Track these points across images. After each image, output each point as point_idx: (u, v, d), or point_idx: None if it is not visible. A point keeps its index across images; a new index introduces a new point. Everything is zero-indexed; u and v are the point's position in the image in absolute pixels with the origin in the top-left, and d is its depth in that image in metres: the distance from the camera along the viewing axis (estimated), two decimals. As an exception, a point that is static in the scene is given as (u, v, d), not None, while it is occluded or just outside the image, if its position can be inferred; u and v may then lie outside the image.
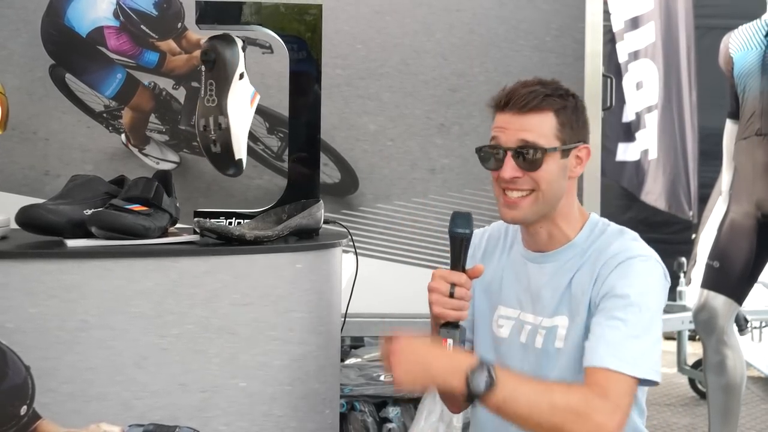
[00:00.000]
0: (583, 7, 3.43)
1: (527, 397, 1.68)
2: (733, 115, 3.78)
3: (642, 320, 1.76)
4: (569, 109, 1.86)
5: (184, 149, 3.42)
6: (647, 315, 1.77)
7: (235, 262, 1.92)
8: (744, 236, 3.62)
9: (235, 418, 1.90)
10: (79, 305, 1.79)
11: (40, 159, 3.38)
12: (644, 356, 1.74)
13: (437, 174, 3.42)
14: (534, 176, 1.83)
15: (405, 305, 2.34)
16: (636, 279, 1.80)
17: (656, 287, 1.82)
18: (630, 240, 1.88)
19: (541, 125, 1.84)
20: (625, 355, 1.72)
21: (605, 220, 1.95)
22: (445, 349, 1.75)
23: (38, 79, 3.37)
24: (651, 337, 1.77)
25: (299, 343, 1.98)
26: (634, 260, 1.81)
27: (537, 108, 1.83)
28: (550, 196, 1.86)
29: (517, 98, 1.84)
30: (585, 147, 1.90)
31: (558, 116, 1.84)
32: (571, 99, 1.88)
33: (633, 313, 1.76)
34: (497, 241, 2.03)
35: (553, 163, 1.84)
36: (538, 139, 1.83)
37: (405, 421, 3.28)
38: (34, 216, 1.91)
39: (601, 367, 1.72)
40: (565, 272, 1.88)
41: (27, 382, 1.75)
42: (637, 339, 1.75)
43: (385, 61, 3.43)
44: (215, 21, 2.25)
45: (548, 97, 1.84)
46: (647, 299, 1.78)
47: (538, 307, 1.90)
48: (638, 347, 1.74)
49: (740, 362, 3.66)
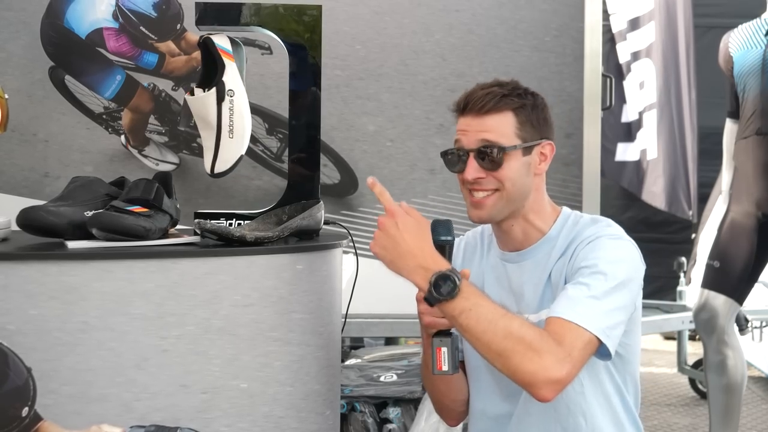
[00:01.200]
0: (582, 7, 3.43)
1: (486, 316, 1.69)
2: (733, 114, 3.79)
3: (605, 286, 1.77)
4: (528, 107, 1.89)
5: (184, 150, 3.42)
6: (612, 283, 1.78)
7: (236, 263, 1.92)
8: (744, 236, 3.63)
9: (236, 419, 1.90)
10: (79, 307, 1.79)
11: (40, 161, 3.38)
12: (599, 316, 1.74)
13: (437, 174, 3.42)
14: (497, 175, 1.86)
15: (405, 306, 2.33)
16: (604, 251, 1.82)
17: (625, 260, 1.83)
18: (603, 226, 1.90)
19: (501, 125, 1.87)
20: (581, 310, 1.74)
21: (578, 212, 1.97)
22: (429, 246, 1.74)
23: (38, 81, 3.37)
24: (611, 302, 1.77)
25: (300, 344, 1.98)
26: (604, 237, 1.85)
27: (494, 109, 1.87)
28: (515, 193, 1.88)
29: (475, 101, 1.88)
30: (548, 143, 1.92)
31: (517, 115, 1.88)
32: (530, 97, 1.91)
33: (597, 279, 1.78)
34: (474, 248, 2.05)
35: (515, 161, 1.87)
36: (499, 139, 1.86)
37: (405, 422, 3.28)
38: (34, 218, 1.91)
39: (558, 317, 1.74)
40: (544, 266, 1.90)
41: (28, 383, 1.75)
42: (596, 300, 1.76)
43: (384, 62, 3.43)
44: (215, 22, 2.25)
45: (505, 98, 1.87)
46: (614, 268, 1.79)
47: (523, 305, 1.91)
48: (597, 307, 1.75)
49: (741, 362, 3.67)
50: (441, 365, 1.78)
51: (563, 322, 1.73)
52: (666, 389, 5.47)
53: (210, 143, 2.15)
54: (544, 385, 1.68)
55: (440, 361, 1.78)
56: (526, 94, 1.91)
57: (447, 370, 1.78)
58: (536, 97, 1.93)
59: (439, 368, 1.79)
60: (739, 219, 3.65)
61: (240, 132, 2.16)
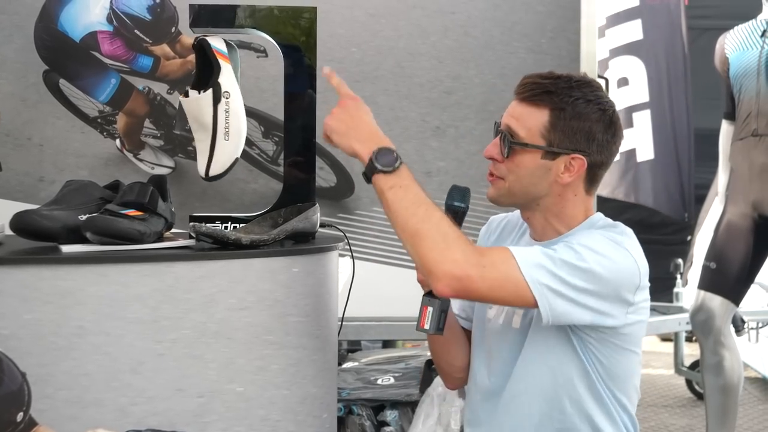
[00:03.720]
0: (577, 9, 3.43)
1: (413, 198, 1.72)
2: (729, 115, 3.79)
3: (569, 259, 1.71)
4: (568, 112, 1.79)
5: (179, 154, 3.41)
6: (579, 263, 1.71)
7: (231, 266, 1.91)
8: (741, 237, 3.63)
9: (232, 422, 1.89)
10: (74, 311, 1.79)
11: (35, 165, 3.37)
12: (546, 272, 1.70)
13: (433, 177, 3.42)
14: (506, 164, 1.83)
15: (402, 308, 2.33)
16: (589, 240, 1.76)
17: (611, 259, 1.74)
18: (617, 233, 1.83)
19: (530, 118, 1.81)
20: (529, 255, 1.71)
21: (607, 219, 1.90)
22: (374, 124, 1.79)
23: (32, 85, 3.36)
24: (566, 273, 1.70)
25: (296, 347, 1.97)
26: (603, 232, 1.80)
27: (531, 100, 1.81)
28: (518, 190, 1.84)
29: (523, 85, 1.84)
30: (580, 158, 1.81)
31: (552, 116, 1.79)
32: (580, 104, 1.79)
33: (565, 251, 1.73)
34: (513, 228, 2.02)
35: (529, 160, 1.81)
36: (520, 131, 1.81)
37: (403, 425, 3.27)
38: (28, 222, 1.90)
39: (503, 246, 1.76)
40: None
41: (23, 388, 1.74)
42: (550, 259, 1.71)
43: (379, 64, 3.43)
44: (209, 24, 2.24)
45: (549, 94, 1.80)
46: (590, 254, 1.72)
47: None
48: (547, 263, 1.70)
49: (737, 363, 3.67)
50: (424, 323, 1.81)
51: (503, 249, 1.74)
52: (663, 390, 5.47)
53: (205, 146, 2.14)
54: (443, 277, 1.68)
55: (424, 320, 1.81)
56: (577, 99, 1.79)
57: (428, 329, 1.81)
58: (590, 105, 1.80)
59: (421, 326, 1.82)
60: (735, 220, 3.66)
61: (236, 134, 2.15)
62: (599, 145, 1.82)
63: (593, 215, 1.89)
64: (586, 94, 1.81)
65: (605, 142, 1.83)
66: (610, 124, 1.83)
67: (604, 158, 1.85)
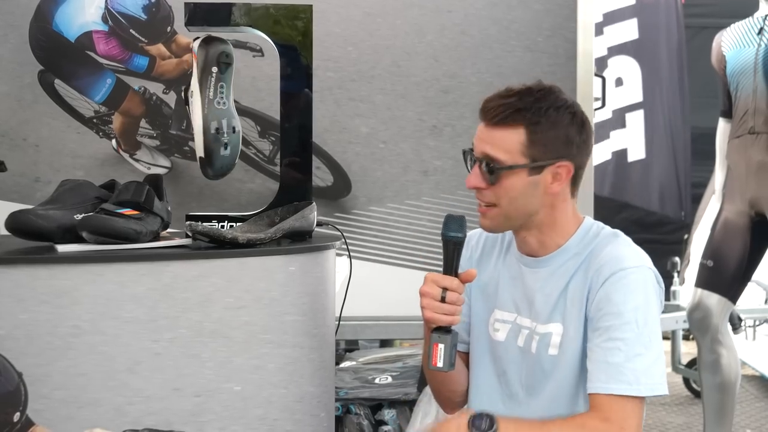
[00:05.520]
0: (574, 7, 3.42)
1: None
2: (726, 113, 3.78)
3: (641, 336, 1.73)
4: (544, 125, 1.77)
5: (176, 154, 3.41)
6: (646, 330, 1.74)
7: (228, 265, 1.91)
8: (737, 235, 3.62)
9: (229, 422, 1.89)
10: (70, 311, 1.78)
11: (31, 165, 3.36)
12: (648, 373, 1.73)
13: (430, 176, 3.41)
14: (494, 190, 1.80)
15: (399, 308, 2.34)
16: (630, 294, 1.76)
17: (651, 298, 1.78)
18: (623, 246, 1.84)
19: (506, 140, 1.78)
20: (629, 378, 1.71)
21: (599, 224, 1.91)
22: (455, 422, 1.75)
23: (27, 85, 3.36)
24: (653, 352, 1.74)
25: (293, 347, 1.97)
26: (626, 272, 1.77)
27: (504, 122, 1.77)
28: (513, 211, 1.82)
29: (488, 109, 1.79)
30: (564, 165, 1.80)
31: (529, 132, 1.77)
32: (552, 113, 1.78)
33: (631, 330, 1.73)
34: (495, 243, 1.99)
35: (516, 180, 1.79)
36: (500, 155, 1.78)
37: (401, 424, 3.27)
38: (23, 221, 1.89)
39: (606, 394, 1.71)
40: (559, 277, 1.85)
41: (19, 388, 1.73)
42: (639, 357, 1.72)
43: (376, 63, 3.42)
44: (205, 23, 2.24)
45: (519, 112, 1.77)
46: (643, 313, 1.75)
47: (533, 312, 1.87)
48: (641, 365, 1.72)
49: (735, 361, 3.66)
50: (436, 361, 1.77)
51: (611, 398, 1.71)
52: (661, 389, 5.46)
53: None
54: None
55: (436, 357, 1.77)
56: (548, 109, 1.78)
57: (442, 367, 1.77)
58: (560, 112, 1.79)
59: (434, 364, 1.78)
60: (732, 218, 3.65)
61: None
62: (578, 147, 1.82)
63: (584, 221, 1.90)
64: (553, 102, 1.80)
65: (582, 143, 1.83)
66: (582, 124, 1.83)
67: (584, 159, 1.86)
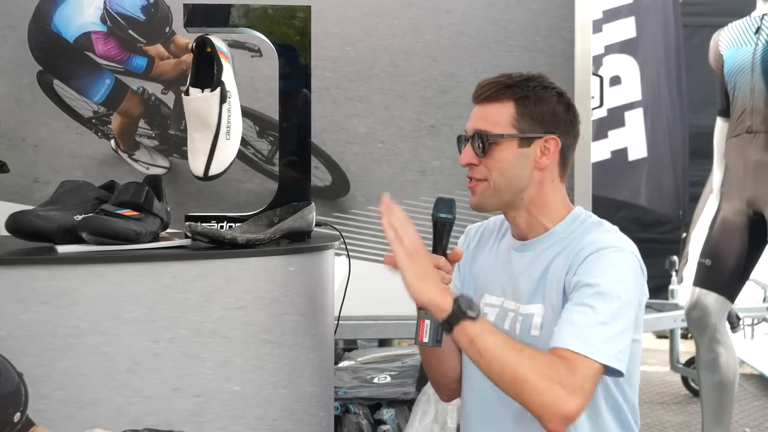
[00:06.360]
0: (572, 7, 3.43)
1: (502, 341, 1.71)
2: (724, 112, 3.79)
3: (610, 308, 1.76)
4: (531, 99, 1.87)
5: (174, 154, 3.41)
6: (617, 304, 1.76)
7: (227, 265, 1.91)
8: (735, 234, 3.63)
9: (229, 421, 1.89)
10: (70, 311, 1.78)
11: (30, 166, 3.36)
12: (609, 342, 1.74)
13: (428, 176, 3.42)
14: (486, 164, 1.88)
15: (398, 307, 2.33)
16: (607, 268, 1.79)
17: (628, 277, 1.81)
18: (607, 232, 1.88)
19: (497, 114, 1.88)
20: (589, 339, 1.73)
21: (588, 213, 1.96)
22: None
23: (26, 86, 3.36)
24: (618, 325, 1.76)
25: (293, 346, 1.97)
26: (607, 250, 1.81)
27: (493, 98, 1.88)
28: (503, 184, 1.88)
29: (480, 90, 1.91)
30: (553, 138, 1.89)
31: (518, 106, 1.88)
32: (539, 90, 1.88)
33: (602, 300, 1.76)
34: (491, 233, 2.05)
35: (507, 152, 1.87)
36: (490, 128, 1.87)
37: (399, 423, 3.28)
38: (23, 222, 1.90)
39: (567, 348, 1.73)
40: (542, 260, 1.89)
41: (20, 389, 1.74)
42: (604, 325, 1.74)
43: (374, 63, 3.42)
44: (203, 24, 2.24)
45: (508, 87, 1.88)
46: (618, 288, 1.78)
47: (517, 294, 1.92)
48: (604, 333, 1.74)
49: (733, 359, 3.67)
50: (422, 336, 1.79)
51: (573, 354, 1.72)
52: (659, 387, 5.47)
53: (205, 145, 2.14)
54: (554, 418, 1.69)
55: (422, 333, 1.79)
56: (535, 87, 1.89)
57: (427, 342, 1.79)
58: (548, 90, 1.90)
59: (420, 339, 1.80)
60: (730, 217, 3.66)
61: (236, 134, 2.16)
62: (565, 125, 1.91)
63: (574, 209, 1.95)
64: (541, 82, 1.91)
65: (569, 122, 1.92)
66: (569, 106, 1.93)
67: (571, 139, 1.94)
